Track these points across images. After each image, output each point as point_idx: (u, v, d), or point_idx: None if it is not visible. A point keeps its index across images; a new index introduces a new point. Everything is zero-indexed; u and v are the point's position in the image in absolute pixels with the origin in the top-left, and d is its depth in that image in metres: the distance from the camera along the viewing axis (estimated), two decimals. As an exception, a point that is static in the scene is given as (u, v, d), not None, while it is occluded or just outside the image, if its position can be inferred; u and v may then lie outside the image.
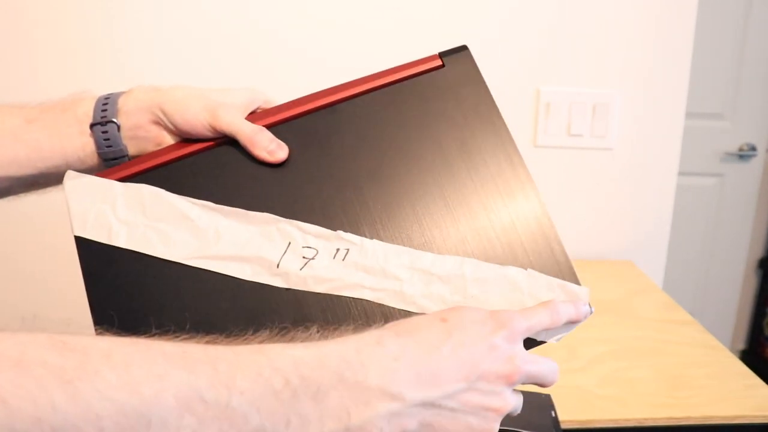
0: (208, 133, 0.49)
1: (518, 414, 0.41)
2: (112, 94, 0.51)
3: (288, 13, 1.11)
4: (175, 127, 0.49)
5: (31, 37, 1.10)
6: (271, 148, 0.48)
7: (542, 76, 1.18)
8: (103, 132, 0.49)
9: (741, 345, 2.37)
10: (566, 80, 1.18)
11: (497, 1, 1.13)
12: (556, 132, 1.20)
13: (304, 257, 0.46)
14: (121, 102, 0.50)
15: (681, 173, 1.32)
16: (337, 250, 0.46)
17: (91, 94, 0.52)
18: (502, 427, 0.37)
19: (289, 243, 0.46)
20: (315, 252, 0.46)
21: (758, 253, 2.28)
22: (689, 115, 1.27)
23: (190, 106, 0.49)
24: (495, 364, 0.37)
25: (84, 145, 0.50)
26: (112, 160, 0.50)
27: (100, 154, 0.50)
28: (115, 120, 0.49)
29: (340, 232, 0.47)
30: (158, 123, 0.50)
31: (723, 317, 2.31)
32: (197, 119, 0.49)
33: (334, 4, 1.11)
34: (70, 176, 0.47)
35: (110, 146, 0.50)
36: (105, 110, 0.50)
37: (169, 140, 0.50)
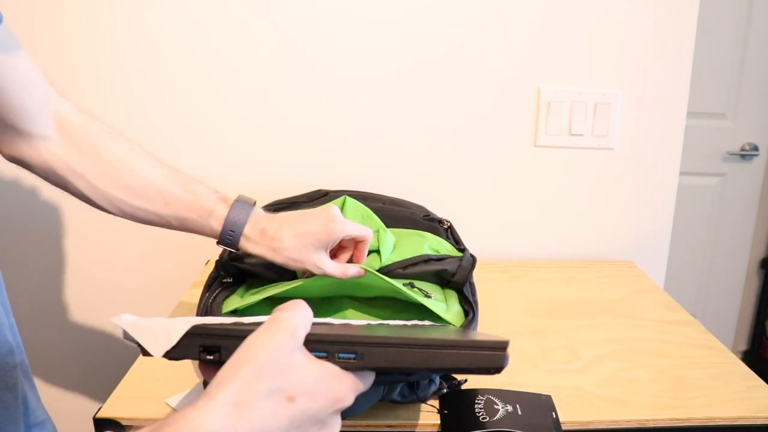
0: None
1: (520, 415, 0.41)
2: (235, 224, 0.68)
3: (298, 14, 1.11)
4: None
5: (32, 35, 1.09)
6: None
7: (543, 75, 1.17)
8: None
9: (743, 346, 2.36)
10: (567, 79, 1.18)
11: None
12: (556, 131, 1.19)
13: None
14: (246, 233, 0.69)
15: (683, 173, 1.31)
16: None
17: (219, 211, 0.68)
18: (503, 429, 0.37)
19: None
20: None
21: (760, 253, 2.27)
22: (691, 114, 1.26)
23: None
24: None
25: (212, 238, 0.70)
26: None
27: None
28: (237, 247, 0.70)
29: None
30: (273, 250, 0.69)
31: (725, 318, 2.30)
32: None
33: (337, 6, 1.11)
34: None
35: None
36: (231, 237, 0.68)
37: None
